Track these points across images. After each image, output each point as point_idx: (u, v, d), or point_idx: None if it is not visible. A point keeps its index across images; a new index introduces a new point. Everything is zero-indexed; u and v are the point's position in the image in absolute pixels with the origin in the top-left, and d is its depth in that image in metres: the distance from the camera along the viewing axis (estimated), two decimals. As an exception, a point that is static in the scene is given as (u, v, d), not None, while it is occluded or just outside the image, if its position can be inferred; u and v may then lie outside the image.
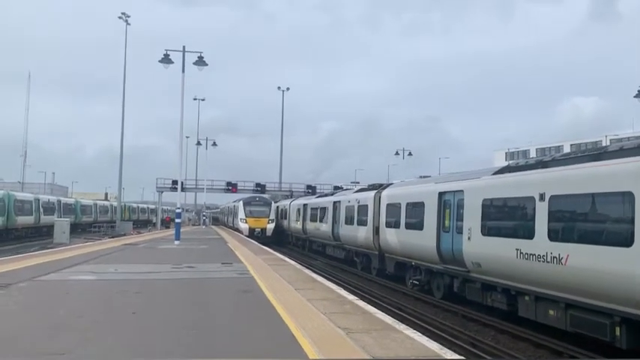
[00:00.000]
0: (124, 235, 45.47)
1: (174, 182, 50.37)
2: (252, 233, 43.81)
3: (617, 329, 9.70)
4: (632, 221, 9.18)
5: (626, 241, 9.24)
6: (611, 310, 9.73)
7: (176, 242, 28.25)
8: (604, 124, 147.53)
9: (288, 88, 56.90)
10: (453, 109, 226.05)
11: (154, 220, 72.72)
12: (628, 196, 9.33)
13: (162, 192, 63.23)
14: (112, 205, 75.46)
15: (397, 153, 64.34)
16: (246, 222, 45.65)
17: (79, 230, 56.24)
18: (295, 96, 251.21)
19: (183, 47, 29.93)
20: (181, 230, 31.73)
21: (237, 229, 48.69)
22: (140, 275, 14.52)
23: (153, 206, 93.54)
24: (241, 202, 48.05)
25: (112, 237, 42.03)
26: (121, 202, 60.23)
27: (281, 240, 46.05)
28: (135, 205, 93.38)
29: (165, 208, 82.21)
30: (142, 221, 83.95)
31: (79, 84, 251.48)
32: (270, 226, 45.78)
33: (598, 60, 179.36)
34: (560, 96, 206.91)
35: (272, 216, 46.34)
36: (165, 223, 67.63)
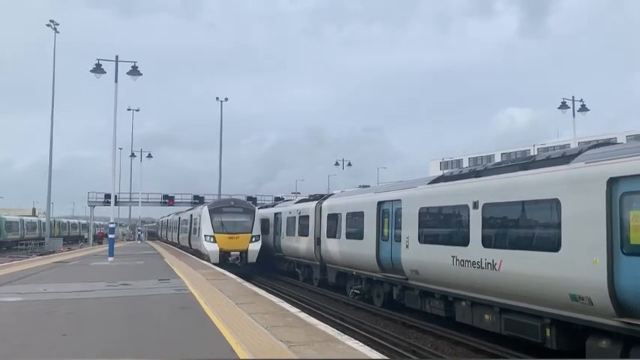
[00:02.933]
0: (54, 252, 43.24)
1: (107, 196, 48.43)
2: (224, 259, 27.32)
3: (548, 331, 10.15)
4: (559, 227, 9.66)
5: (554, 246, 9.70)
6: (541, 312, 10.16)
7: (110, 259, 27.16)
8: (536, 133, 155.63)
9: (226, 99, 55.95)
10: (395, 120, 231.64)
11: (86, 236, 69.66)
12: (555, 204, 9.81)
13: (94, 206, 60.76)
14: (40, 221, 71.69)
15: (337, 163, 64.86)
16: (213, 241, 28.16)
17: (3, 249, 53.06)
18: (238, 107, 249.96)
19: (116, 57, 29.00)
20: (115, 246, 30.58)
21: (198, 252, 30.85)
22: (71, 295, 13.82)
23: (84, 221, 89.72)
24: (205, 209, 29.94)
25: (41, 255, 39.91)
26: (50, 217, 57.35)
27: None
28: (65, 221, 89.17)
29: (97, 223, 78.84)
30: (73, 237, 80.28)
31: (7, 95, 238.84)
32: (255, 247, 28.35)
33: (530, 72, 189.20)
34: (496, 107, 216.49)
35: (256, 230, 28.93)
36: (98, 239, 64.95)
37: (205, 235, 28.23)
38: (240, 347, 7.50)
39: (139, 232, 66.81)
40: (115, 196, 37.02)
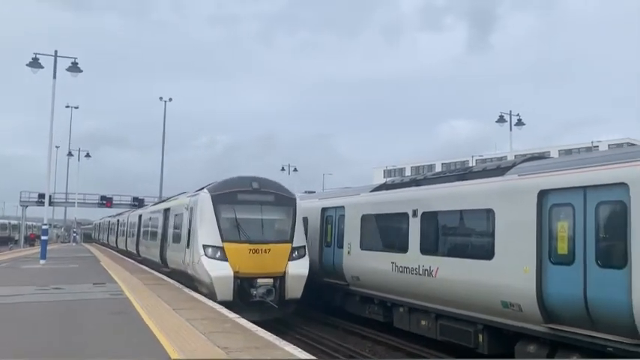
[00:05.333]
0: (-20, 254, 40.99)
1: (41, 196, 46.40)
2: (243, 294, 14.07)
3: (480, 336, 10.51)
4: (492, 236, 10.05)
5: (488, 254, 10.09)
6: (475, 318, 10.52)
7: (42, 261, 25.98)
8: (477, 145, 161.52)
9: (170, 99, 54.73)
10: (344, 127, 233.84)
11: (17, 238, 66.42)
12: (489, 213, 10.20)
13: (26, 206, 58.21)
14: (-36, 221, 67.76)
15: (283, 169, 64.80)
16: (221, 257, 14.24)
17: None
18: (187, 108, 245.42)
19: (55, 52, 27.92)
20: (48, 248, 29.28)
21: (182, 274, 16.77)
22: (-3, 299, 13.14)
23: (15, 222, 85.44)
24: (204, 195, 15.20)
25: (-35, 256, 37.67)
26: (-23, 217, 54.34)
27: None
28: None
29: (30, 224, 75.28)
30: (2, 239, 76.23)
31: None
32: (299, 270, 14.76)
33: (474, 86, 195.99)
34: (441, 118, 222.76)
35: (300, 236, 15.32)
36: (30, 241, 62.03)
37: (205, 247, 14.29)
38: (177, 354, 7.37)
39: (75, 234, 64.35)
40: (50, 196, 35.53)
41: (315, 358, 7.54)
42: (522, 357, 9.50)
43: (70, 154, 62.30)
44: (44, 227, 28.82)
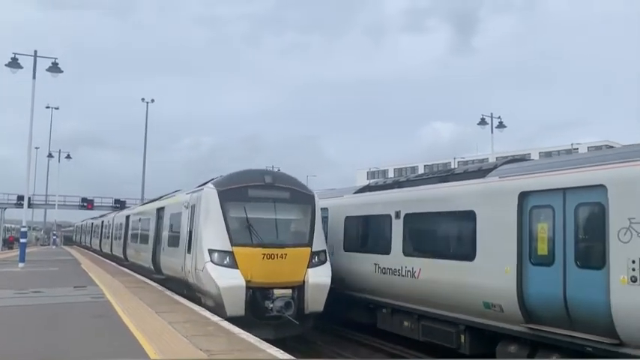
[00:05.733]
0: (-43, 257, 40.21)
1: (20, 197, 45.76)
2: (257, 309, 11.97)
3: (462, 337, 10.60)
4: (474, 238, 10.14)
5: (470, 255, 10.18)
6: (457, 319, 10.61)
7: (20, 265, 25.56)
8: (459, 147, 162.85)
9: (152, 100, 54.38)
10: (329, 129, 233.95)
11: (-5, 240, 65.27)
12: (471, 215, 10.29)
13: (5, 208, 57.25)
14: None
15: (266, 170, 64.60)
16: (231, 264, 12.17)
17: None
18: (171, 110, 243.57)
19: (35, 52, 27.57)
20: (27, 251, 28.84)
21: (180, 283, 14.68)
22: (-26, 303, 12.90)
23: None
24: (209, 190, 13.08)
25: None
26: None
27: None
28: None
29: (8, 226, 73.94)
30: (-21, 241, 74.90)
31: None
32: (320, 279, 12.75)
33: (457, 88, 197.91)
34: (424, 120, 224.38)
35: (319, 239, 13.26)
36: (8, 244, 60.98)
37: (211, 252, 12.35)
38: (159, 358, 7.31)
39: (54, 237, 63.48)
40: (29, 198, 34.99)
41: (295, 358, 7.53)
42: (503, 357, 9.60)
43: (50, 155, 61.52)
44: (23, 230, 28.37)
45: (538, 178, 9.21)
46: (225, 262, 12.13)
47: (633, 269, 7.40)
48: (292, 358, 7.56)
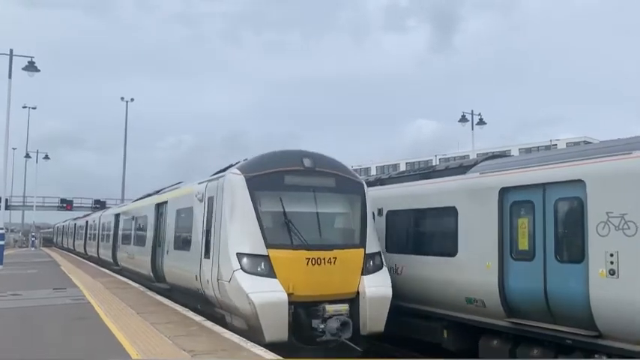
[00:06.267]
0: None
1: (-2, 199, 44.82)
2: (302, 330, 9.36)
3: (445, 332, 10.68)
4: (455, 234, 10.22)
5: (452, 251, 10.25)
6: (440, 314, 10.69)
7: (-2, 267, 25.16)
8: (441, 144, 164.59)
9: (132, 99, 53.67)
10: (310, 126, 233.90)
11: (-29, 243, 63.94)
12: (452, 211, 10.37)
13: (-19, 210, 56.03)
14: None
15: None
16: (268, 273, 9.29)
17: None
18: (152, 109, 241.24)
19: (11, 50, 27.15)
20: (5, 253, 28.35)
21: (195, 295, 11.62)
22: (-49, 307, 12.63)
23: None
24: (233, 177, 10.13)
25: None
26: None
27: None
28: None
29: (-15, 228, 72.67)
30: (-45, 244, 73.25)
31: None
32: (380, 290, 9.99)
33: (439, 85, 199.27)
34: (406, 118, 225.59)
35: (372, 241, 10.42)
36: (-14, 246, 59.86)
37: (240, 256, 9.51)
38: (141, 358, 7.24)
39: (33, 239, 62.49)
40: (7, 200, 34.39)
41: (281, 357, 7.53)
42: (486, 351, 9.70)
43: (27, 155, 60.50)
44: (0, 232, 27.91)
45: (518, 173, 9.30)
46: (260, 270, 9.32)
47: (611, 262, 7.53)
48: (278, 357, 7.55)
